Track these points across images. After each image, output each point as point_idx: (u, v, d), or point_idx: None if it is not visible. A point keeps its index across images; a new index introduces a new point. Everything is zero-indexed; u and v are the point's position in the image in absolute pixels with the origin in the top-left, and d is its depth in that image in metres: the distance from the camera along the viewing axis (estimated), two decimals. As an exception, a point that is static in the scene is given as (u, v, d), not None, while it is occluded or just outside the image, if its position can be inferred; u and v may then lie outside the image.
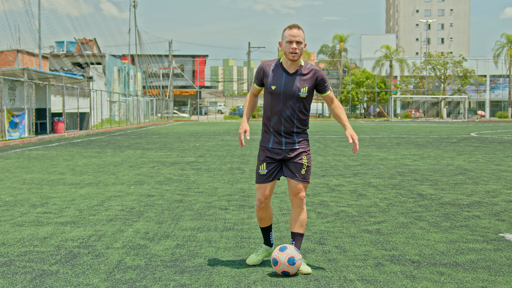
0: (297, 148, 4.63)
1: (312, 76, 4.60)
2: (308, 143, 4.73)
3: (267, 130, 4.69)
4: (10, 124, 22.58)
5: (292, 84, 4.55)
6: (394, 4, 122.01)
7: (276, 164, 4.66)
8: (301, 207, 4.68)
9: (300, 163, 4.62)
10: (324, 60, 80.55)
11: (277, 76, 4.60)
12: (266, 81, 4.63)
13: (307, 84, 4.58)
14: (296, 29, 4.54)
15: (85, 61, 51.83)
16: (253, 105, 4.87)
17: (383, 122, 58.79)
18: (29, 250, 5.32)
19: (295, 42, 4.50)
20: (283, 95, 4.56)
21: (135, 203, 7.85)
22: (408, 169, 12.13)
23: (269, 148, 4.66)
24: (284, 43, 4.54)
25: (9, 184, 9.89)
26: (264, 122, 4.72)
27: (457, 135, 27.49)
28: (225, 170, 12.00)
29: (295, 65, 4.59)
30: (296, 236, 4.72)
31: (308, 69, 4.61)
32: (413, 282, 4.32)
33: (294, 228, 4.72)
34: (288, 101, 4.56)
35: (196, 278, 4.44)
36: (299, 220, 4.69)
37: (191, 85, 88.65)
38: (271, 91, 4.59)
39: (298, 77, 4.58)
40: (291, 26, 4.55)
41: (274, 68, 4.63)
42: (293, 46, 4.49)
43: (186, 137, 26.66)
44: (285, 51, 4.53)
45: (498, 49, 75.36)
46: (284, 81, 4.57)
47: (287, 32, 4.53)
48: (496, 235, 5.88)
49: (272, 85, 4.59)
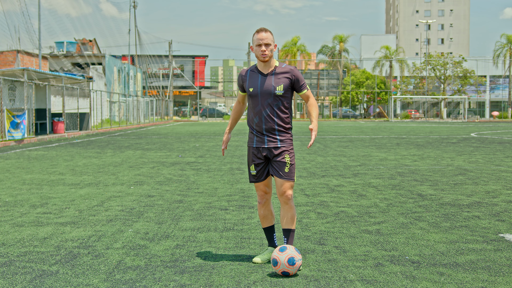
0: (279, 147, 4.83)
1: (288, 75, 4.84)
2: (291, 143, 4.91)
3: (251, 131, 4.95)
4: (12, 125, 22.57)
5: (268, 83, 4.82)
6: (394, 5, 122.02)
7: (264, 164, 4.91)
8: (288, 204, 4.88)
9: (283, 161, 4.82)
10: (324, 61, 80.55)
11: (253, 79, 4.87)
12: (245, 85, 4.92)
13: (282, 82, 4.80)
14: (263, 32, 4.79)
15: (85, 62, 51.84)
16: (238, 114, 5.20)
17: (383, 122, 58.79)
18: (29, 250, 5.32)
19: (264, 44, 4.76)
20: (261, 95, 4.81)
21: (135, 204, 7.85)
22: (408, 169, 12.13)
23: (254, 147, 4.91)
24: (254, 47, 4.83)
25: (9, 185, 9.89)
26: (249, 124, 4.98)
27: (457, 136, 27.49)
28: (225, 170, 12.00)
29: (268, 66, 4.84)
30: (288, 232, 4.89)
31: (283, 68, 4.86)
32: (413, 282, 4.32)
33: (284, 225, 4.91)
34: (266, 100, 4.80)
35: (196, 278, 4.44)
36: (288, 217, 4.89)
37: (191, 86, 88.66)
38: (250, 93, 4.87)
39: (273, 76, 4.83)
40: (258, 30, 4.83)
41: (250, 72, 4.92)
42: (262, 49, 4.76)
43: (186, 137, 26.66)
44: (256, 55, 4.84)
45: (498, 49, 75.39)
46: (260, 82, 4.84)
47: (256, 36, 4.79)
48: (496, 235, 5.88)
49: (250, 87, 4.86)
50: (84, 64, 51.74)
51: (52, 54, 51.29)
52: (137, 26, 72.31)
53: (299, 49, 75.77)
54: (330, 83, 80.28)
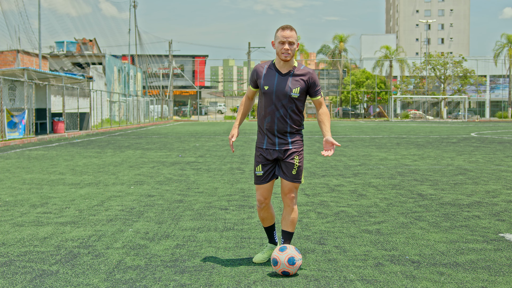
0: (290, 149, 4.69)
1: (305, 78, 4.67)
2: (302, 143, 4.79)
3: (261, 131, 4.78)
4: (9, 125, 22.56)
5: (284, 84, 4.63)
6: (394, 4, 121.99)
7: (271, 165, 4.75)
8: (291, 206, 4.78)
9: (291, 163, 4.68)
10: (324, 60, 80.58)
11: (269, 76, 4.68)
12: (260, 82, 4.72)
13: (299, 85, 4.64)
14: (288, 30, 4.60)
15: (85, 61, 51.84)
16: (247, 109, 4.98)
17: (383, 122, 58.79)
18: (29, 250, 5.32)
19: (288, 43, 4.58)
20: (276, 95, 4.63)
21: (135, 203, 7.85)
22: (408, 169, 12.13)
23: (263, 149, 4.75)
24: (276, 43, 4.63)
25: (9, 184, 9.89)
26: (259, 123, 4.81)
27: (457, 135, 27.49)
28: (225, 170, 12.00)
29: (287, 65, 4.66)
30: (286, 234, 4.83)
31: (301, 70, 4.69)
32: (413, 282, 4.31)
33: (284, 226, 4.83)
34: (280, 101, 4.62)
35: (196, 278, 4.44)
36: (290, 220, 4.80)
37: (191, 85, 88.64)
38: (264, 91, 4.67)
39: (291, 77, 4.65)
40: (284, 27, 4.62)
41: (267, 69, 4.72)
42: (285, 47, 4.57)
43: (186, 137, 26.66)
44: (277, 52, 4.62)
45: (498, 49, 75.38)
46: (277, 81, 4.65)
47: (280, 33, 4.61)
48: (496, 235, 5.88)
49: (265, 85, 4.67)
50: (84, 63, 51.73)
51: (52, 54, 51.29)
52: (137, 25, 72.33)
53: (299, 49, 75.75)
54: (330, 83, 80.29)
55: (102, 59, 52.37)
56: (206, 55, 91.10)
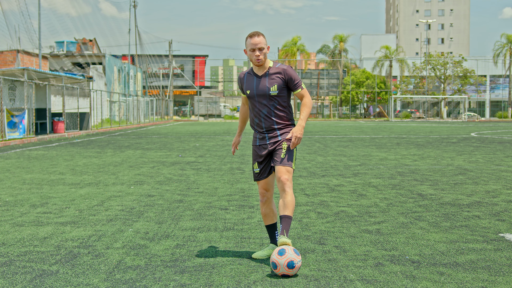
0: (279, 140, 4.94)
1: (280, 75, 4.92)
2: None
3: (253, 130, 5.09)
4: (9, 124, 22.56)
5: (263, 84, 4.92)
6: (394, 4, 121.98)
7: (267, 161, 5.00)
8: (285, 190, 4.79)
9: (280, 148, 4.90)
10: (324, 60, 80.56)
11: (250, 81, 5.00)
12: (243, 88, 5.04)
13: (276, 82, 4.88)
14: (256, 36, 4.84)
15: (85, 61, 51.84)
16: (245, 116, 5.33)
17: (383, 122, 58.79)
18: (29, 250, 5.32)
19: (257, 49, 4.84)
20: (257, 96, 4.93)
21: (135, 203, 7.85)
22: (408, 169, 12.13)
23: (257, 146, 5.04)
24: (248, 51, 4.91)
25: (9, 184, 9.89)
26: (251, 124, 5.11)
27: (457, 135, 27.49)
28: (225, 170, 12.00)
29: (262, 68, 4.95)
30: (283, 219, 4.76)
31: (276, 68, 4.95)
32: (413, 282, 4.31)
33: (281, 211, 4.80)
34: (262, 101, 4.91)
35: (196, 278, 4.44)
36: (284, 202, 4.78)
37: (191, 85, 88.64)
38: (247, 95, 5.01)
39: (267, 77, 4.92)
40: (251, 35, 4.88)
41: (247, 75, 5.05)
42: (256, 53, 4.84)
43: (186, 137, 26.66)
44: (250, 59, 4.91)
45: (498, 49, 75.38)
46: (255, 83, 4.94)
47: (249, 41, 4.85)
48: (496, 235, 5.88)
49: (247, 89, 4.99)
50: (84, 63, 51.74)
51: (52, 54, 51.29)
52: (137, 25, 72.31)
53: (299, 49, 75.77)
54: (330, 83, 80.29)
55: (102, 59, 52.37)
56: (206, 55, 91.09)
